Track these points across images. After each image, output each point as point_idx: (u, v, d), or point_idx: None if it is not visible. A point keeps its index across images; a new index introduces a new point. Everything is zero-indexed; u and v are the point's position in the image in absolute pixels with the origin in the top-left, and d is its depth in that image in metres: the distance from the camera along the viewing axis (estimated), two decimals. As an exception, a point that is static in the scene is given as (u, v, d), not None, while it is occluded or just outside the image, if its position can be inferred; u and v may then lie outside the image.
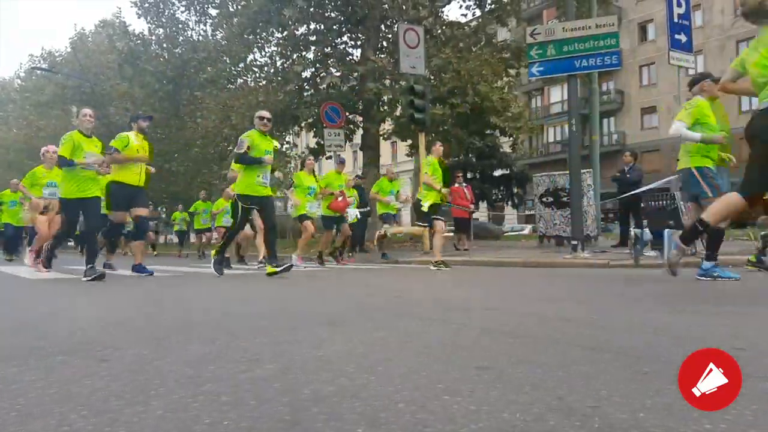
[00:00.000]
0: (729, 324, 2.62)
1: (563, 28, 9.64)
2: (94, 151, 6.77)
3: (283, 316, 3.31)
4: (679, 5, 9.49)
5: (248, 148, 6.75)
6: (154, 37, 25.40)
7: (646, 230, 7.75)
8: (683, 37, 9.46)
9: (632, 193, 9.77)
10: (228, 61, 21.67)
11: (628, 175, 10.76)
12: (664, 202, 8.55)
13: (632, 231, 8.47)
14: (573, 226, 9.44)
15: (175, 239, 21.17)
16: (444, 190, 8.27)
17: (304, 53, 18.31)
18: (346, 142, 16.18)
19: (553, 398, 1.44)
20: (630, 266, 7.32)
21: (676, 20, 9.41)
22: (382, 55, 17.22)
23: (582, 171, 10.14)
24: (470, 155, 22.43)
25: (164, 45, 24.89)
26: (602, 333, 2.45)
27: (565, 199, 11.14)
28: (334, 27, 17.32)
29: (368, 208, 13.29)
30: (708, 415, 1.26)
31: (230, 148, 19.27)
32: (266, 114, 7.17)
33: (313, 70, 18.10)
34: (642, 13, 36.89)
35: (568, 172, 9.77)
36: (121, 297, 4.87)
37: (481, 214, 32.31)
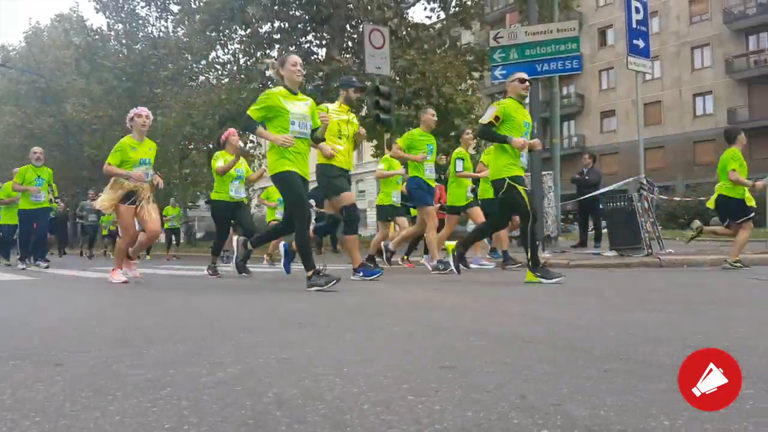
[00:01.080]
0: (689, 322, 2.71)
1: (526, 32, 9.81)
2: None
3: (248, 318, 3.26)
4: (637, 12, 9.76)
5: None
6: (113, 33, 24.78)
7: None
8: (641, 43, 9.73)
9: (591, 194, 10.01)
10: (189, 58, 21.31)
11: (587, 177, 11.01)
12: (622, 203, 8.78)
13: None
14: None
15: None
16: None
17: (268, 51, 18.13)
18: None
19: (516, 397, 1.45)
20: (589, 266, 7.48)
21: (634, 26, 9.67)
22: (348, 55, 17.20)
23: (543, 173, 10.33)
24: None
25: (123, 41, 24.30)
26: (564, 331, 2.49)
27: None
28: (299, 26, 17.21)
29: None
30: (667, 412, 1.29)
31: (191, 146, 18.93)
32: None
33: (278, 68, 17.92)
34: (602, 19, 37.84)
35: (529, 173, 9.93)
36: (86, 300, 4.73)
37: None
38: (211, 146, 20.54)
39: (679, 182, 32.06)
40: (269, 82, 17.95)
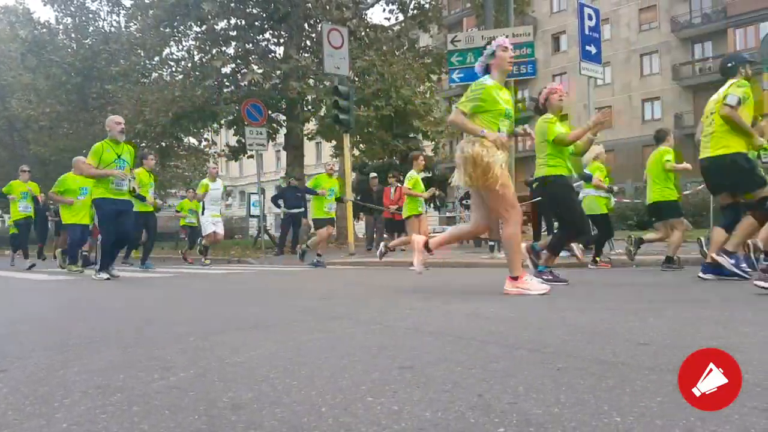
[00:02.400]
0: (637, 320, 2.79)
1: (482, 36, 9.95)
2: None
3: (202, 320, 3.19)
4: (590, 18, 10.04)
5: None
6: (61, 27, 23.91)
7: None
8: (593, 49, 10.01)
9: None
10: (142, 54, 20.75)
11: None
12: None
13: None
14: (491, 228, 9.74)
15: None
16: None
17: (224, 48, 17.84)
18: (268, 141, 15.88)
19: (473, 396, 1.47)
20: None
21: (587, 32, 9.95)
22: (306, 54, 17.08)
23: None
24: (394, 158, 22.75)
25: (72, 35, 23.47)
26: (519, 330, 2.53)
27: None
28: (256, 23, 16.99)
29: (302, 209, 13.13)
30: (618, 409, 1.33)
31: (143, 144, 18.44)
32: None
33: (234, 66, 17.68)
34: (555, 25, 38.78)
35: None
36: (37, 301, 4.53)
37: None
38: (164, 144, 20.03)
39: (628, 184, 33.12)
40: (225, 79, 17.69)
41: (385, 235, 13.07)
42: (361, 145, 18.72)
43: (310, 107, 17.72)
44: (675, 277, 5.57)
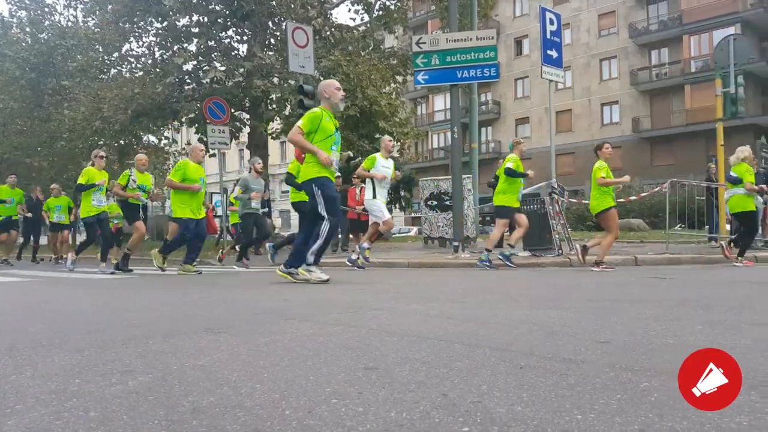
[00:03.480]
0: (597, 318, 2.86)
1: (447, 39, 10.04)
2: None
3: (161, 323, 3.11)
4: (551, 23, 10.24)
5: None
6: (15, 20, 23.02)
7: None
8: (554, 53, 10.22)
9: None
10: (101, 50, 20.16)
11: None
12: (534, 206, 9.20)
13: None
14: (454, 229, 9.84)
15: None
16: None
17: (185, 45, 17.48)
18: (231, 140, 15.64)
19: (437, 395, 1.47)
20: (504, 266, 7.75)
21: (548, 37, 10.15)
22: (271, 53, 16.89)
23: (463, 176, 10.60)
24: (360, 158, 22.82)
25: (27, 29, 22.61)
26: (482, 329, 2.56)
27: (448, 202, 11.60)
28: (219, 20, 16.70)
29: (266, 209, 12.97)
30: (579, 406, 1.35)
31: (101, 142, 17.93)
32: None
33: (196, 63, 17.34)
34: (518, 29, 39.43)
35: (450, 177, 10.18)
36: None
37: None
38: (122, 142, 19.51)
39: (587, 186, 33.95)
40: (186, 77, 17.34)
41: (350, 236, 13.04)
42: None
43: (274, 106, 17.52)
44: (634, 278, 5.72)
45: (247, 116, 17.88)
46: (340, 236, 13.12)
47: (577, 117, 36.64)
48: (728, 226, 10.16)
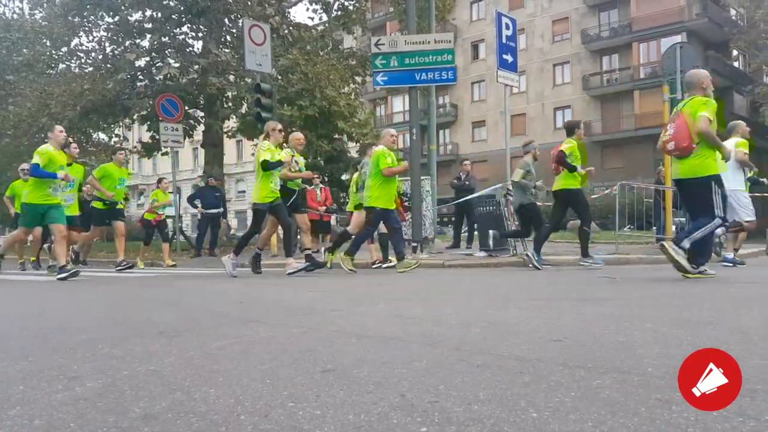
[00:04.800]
0: (551, 317, 2.91)
1: (405, 41, 10.09)
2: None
3: (111, 327, 3.01)
4: (507, 27, 10.43)
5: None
6: (-45, 12, 21.89)
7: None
8: (510, 58, 10.40)
9: (466, 198, 10.57)
10: (48, 44, 19.40)
11: (466, 182, 11.58)
12: (490, 207, 9.35)
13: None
14: (413, 229, 9.90)
15: None
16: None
17: (138, 41, 17.00)
18: (185, 138, 15.28)
19: (395, 396, 1.47)
20: (462, 266, 7.85)
21: (504, 41, 10.32)
22: (226, 50, 16.60)
23: (421, 177, 10.67)
24: (319, 158, 22.65)
25: (-31, 21, 21.54)
26: (441, 329, 2.57)
27: (407, 203, 11.65)
28: (173, 16, 16.31)
29: (220, 209, 12.71)
30: (534, 404, 1.37)
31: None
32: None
33: (148, 59, 16.89)
34: (475, 33, 40.01)
35: (409, 178, 10.24)
36: None
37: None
38: (71, 140, 18.79)
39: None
40: (138, 73, 16.87)
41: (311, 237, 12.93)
42: (285, 144, 18.45)
43: (230, 104, 17.24)
44: (585, 277, 5.87)
45: (202, 114, 17.53)
46: (299, 237, 13.00)
47: (531, 120, 37.44)
48: (673, 228, 10.56)
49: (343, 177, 22.93)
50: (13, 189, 10.33)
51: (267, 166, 6.83)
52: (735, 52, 34.57)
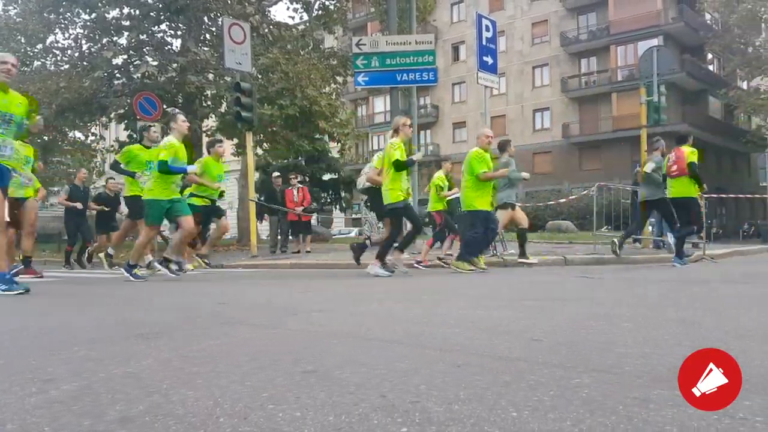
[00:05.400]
0: (530, 317, 2.94)
1: (386, 41, 10.11)
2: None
3: (88, 329, 2.96)
4: (487, 29, 10.50)
5: None
6: (-76, 5, 21.31)
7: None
8: (490, 60, 10.48)
9: (449, 198, 10.59)
10: (23, 41, 18.97)
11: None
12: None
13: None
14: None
15: None
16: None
17: (115, 38, 16.76)
18: (163, 137, 15.09)
19: (376, 396, 1.47)
20: (444, 267, 7.87)
21: (484, 43, 10.39)
22: (205, 48, 16.45)
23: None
24: (300, 158, 22.53)
25: (-61, 16, 21.00)
26: (422, 329, 2.57)
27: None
28: (151, 14, 16.11)
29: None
30: (514, 403, 1.38)
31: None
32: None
33: (126, 57, 16.65)
34: (455, 35, 40.19)
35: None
36: None
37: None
38: (45, 138, 18.46)
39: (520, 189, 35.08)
40: (116, 71, 16.63)
41: (290, 237, 12.87)
42: (264, 144, 18.33)
43: (209, 103, 17.08)
44: (564, 277, 5.93)
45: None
46: (279, 237, 12.94)
47: (511, 122, 37.75)
48: (650, 228, 10.72)
49: (325, 177, 22.92)
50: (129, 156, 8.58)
51: (400, 166, 6.43)
52: (710, 56, 35.25)
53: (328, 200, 27.58)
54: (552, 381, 1.59)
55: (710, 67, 35.76)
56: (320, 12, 18.56)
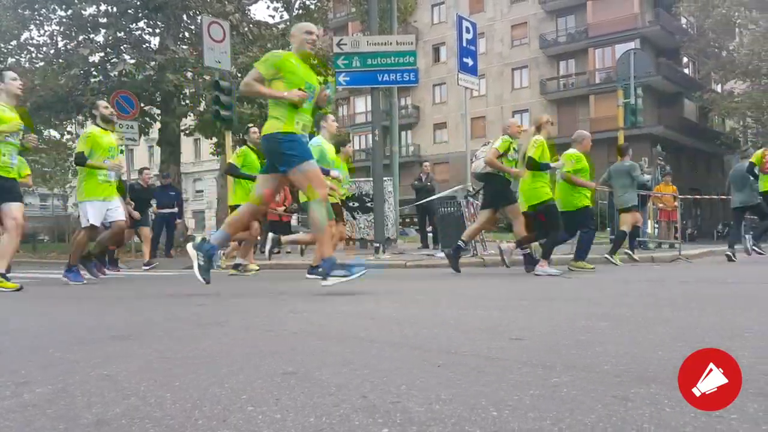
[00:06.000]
0: (510, 316, 2.96)
1: (367, 41, 10.11)
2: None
3: (65, 331, 2.90)
4: (467, 31, 10.56)
5: None
6: None
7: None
8: (470, 61, 10.53)
9: (429, 199, 10.67)
10: (-4, 37, 18.61)
11: (428, 183, 11.69)
12: (451, 208, 9.46)
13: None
14: (376, 230, 9.91)
15: None
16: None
17: (92, 36, 16.49)
18: (140, 135, 14.90)
19: (357, 397, 1.46)
20: (422, 266, 7.90)
21: (464, 45, 10.45)
22: (184, 46, 16.28)
23: (384, 178, 10.70)
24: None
25: None
26: (403, 329, 2.57)
27: (369, 204, 11.66)
28: (129, 11, 15.90)
29: (175, 209, 12.42)
30: (494, 403, 1.38)
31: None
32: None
33: (103, 54, 16.40)
34: (436, 36, 40.36)
35: (371, 179, 10.25)
36: None
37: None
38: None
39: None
40: (92, 69, 16.38)
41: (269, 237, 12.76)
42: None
43: (188, 101, 16.90)
44: (542, 278, 5.98)
45: (158, 111, 17.13)
46: (258, 238, 12.84)
47: (490, 123, 38.02)
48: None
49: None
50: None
51: (538, 166, 6.28)
52: (685, 59, 35.94)
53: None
54: (532, 380, 1.60)
55: (686, 71, 36.47)
56: (301, 11, 18.51)
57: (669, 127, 32.32)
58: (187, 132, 18.20)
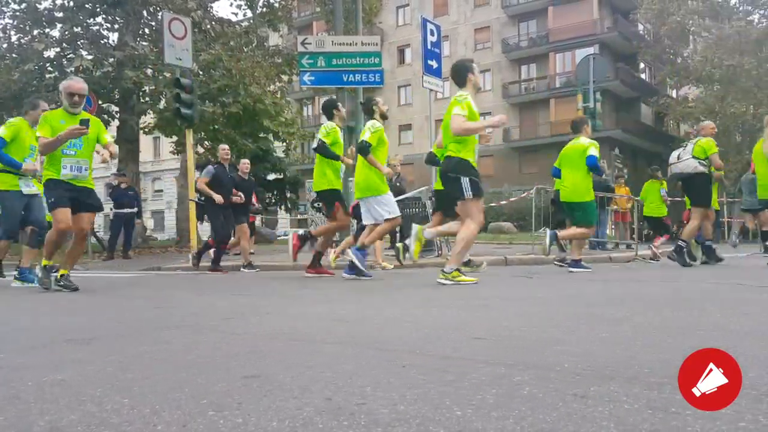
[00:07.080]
0: (472, 316, 2.99)
1: (332, 41, 10.08)
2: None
3: (17, 334, 2.79)
4: (432, 33, 10.63)
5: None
6: None
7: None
8: (435, 64, 10.62)
9: (397, 199, 10.71)
10: (-54, 31, 17.84)
11: (398, 184, 11.71)
12: (416, 209, 9.51)
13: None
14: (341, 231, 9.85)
15: None
16: None
17: (47, 30, 15.97)
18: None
19: (321, 399, 1.45)
20: (395, 267, 7.91)
21: (429, 47, 10.52)
22: (144, 43, 15.92)
23: (350, 179, 10.67)
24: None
25: None
26: (368, 330, 2.57)
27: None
28: (86, 6, 15.46)
29: (134, 209, 12.11)
30: (458, 402, 1.39)
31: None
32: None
33: (59, 50, 15.90)
34: (401, 38, 40.50)
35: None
36: None
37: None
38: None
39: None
40: (48, 64, 15.87)
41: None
42: (206, 142, 17.92)
43: (147, 99, 16.54)
44: (504, 276, 6.07)
45: (117, 109, 16.71)
46: (231, 239, 12.63)
47: (456, 125, 38.33)
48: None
49: (269, 177, 22.56)
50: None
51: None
52: (642, 65, 37.00)
53: (273, 200, 27.22)
54: (495, 379, 1.62)
55: (642, 76, 37.53)
56: (264, 9, 18.30)
57: (626, 131, 33.21)
58: (146, 130, 17.79)
